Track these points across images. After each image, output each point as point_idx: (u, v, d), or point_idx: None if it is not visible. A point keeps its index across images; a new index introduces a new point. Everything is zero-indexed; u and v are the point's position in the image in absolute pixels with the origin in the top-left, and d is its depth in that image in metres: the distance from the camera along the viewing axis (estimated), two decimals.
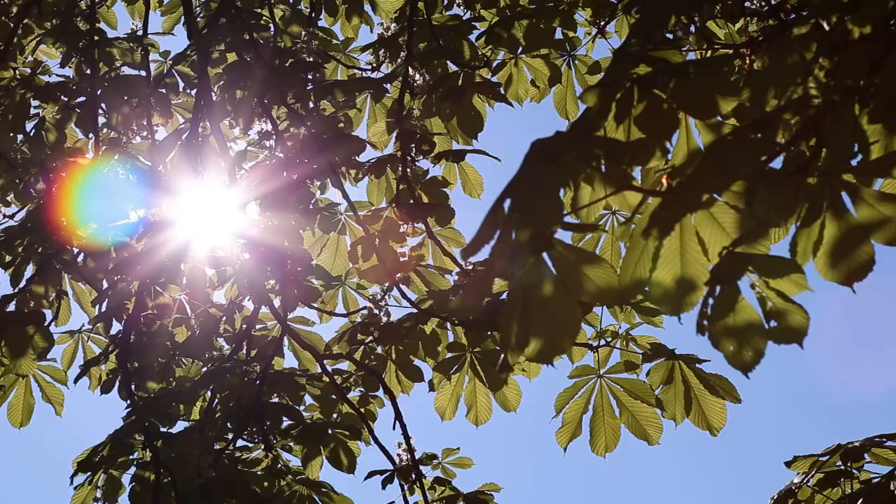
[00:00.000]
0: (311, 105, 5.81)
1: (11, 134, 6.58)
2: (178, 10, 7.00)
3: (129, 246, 5.91)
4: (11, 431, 6.42)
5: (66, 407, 6.50)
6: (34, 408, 6.41)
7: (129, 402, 5.54)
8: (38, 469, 14.27)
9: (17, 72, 6.90)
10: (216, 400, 5.55)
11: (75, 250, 6.21)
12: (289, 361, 6.21)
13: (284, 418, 5.40)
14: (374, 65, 6.42)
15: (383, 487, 5.62)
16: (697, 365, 5.36)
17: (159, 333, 5.82)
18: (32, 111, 6.57)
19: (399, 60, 6.22)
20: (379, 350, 6.01)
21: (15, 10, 6.69)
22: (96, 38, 6.45)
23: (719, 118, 2.34)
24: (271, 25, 6.42)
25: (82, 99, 6.40)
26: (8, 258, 6.42)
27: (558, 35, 6.39)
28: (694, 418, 5.41)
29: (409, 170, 5.94)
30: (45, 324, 5.73)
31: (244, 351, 5.82)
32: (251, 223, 5.73)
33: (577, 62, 6.82)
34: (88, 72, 6.41)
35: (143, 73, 6.60)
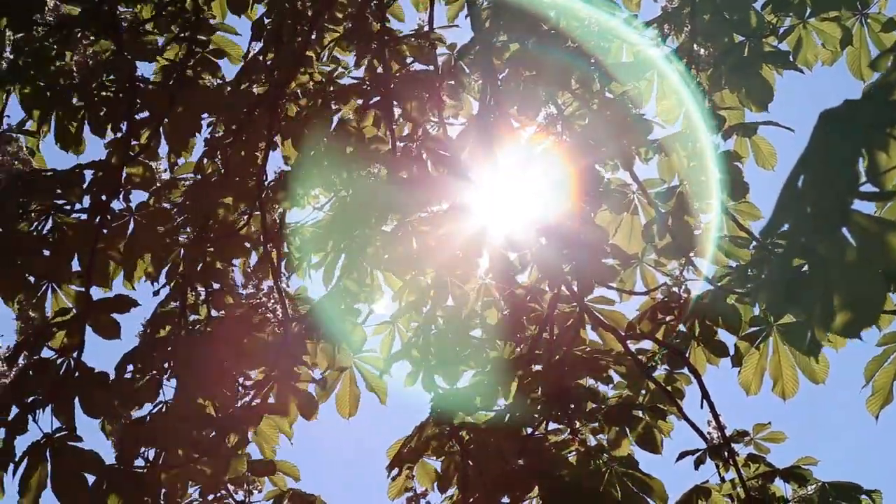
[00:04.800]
0: (597, 88, 5.82)
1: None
2: None
3: (430, 234, 6.07)
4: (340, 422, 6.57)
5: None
6: (360, 398, 6.57)
7: (433, 393, 5.68)
8: (357, 457, 14.77)
9: (314, 75, 7.16)
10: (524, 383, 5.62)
11: (377, 242, 6.40)
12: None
13: (589, 401, 5.42)
14: (659, 40, 6.35)
15: (696, 468, 5.58)
16: None
17: (459, 322, 5.95)
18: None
19: (683, 34, 6.14)
20: (682, 327, 5.98)
21: (309, 13, 6.93)
22: (387, 37, 6.64)
23: None
24: (552, 12, 6.44)
25: (377, 99, 6.59)
26: (316, 256, 6.68)
27: None
28: None
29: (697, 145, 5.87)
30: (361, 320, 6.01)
31: (547, 334, 5.88)
32: (545, 207, 5.77)
33: (869, 21, 6.60)
34: (380, 70, 6.60)
35: (431, 67, 6.74)
